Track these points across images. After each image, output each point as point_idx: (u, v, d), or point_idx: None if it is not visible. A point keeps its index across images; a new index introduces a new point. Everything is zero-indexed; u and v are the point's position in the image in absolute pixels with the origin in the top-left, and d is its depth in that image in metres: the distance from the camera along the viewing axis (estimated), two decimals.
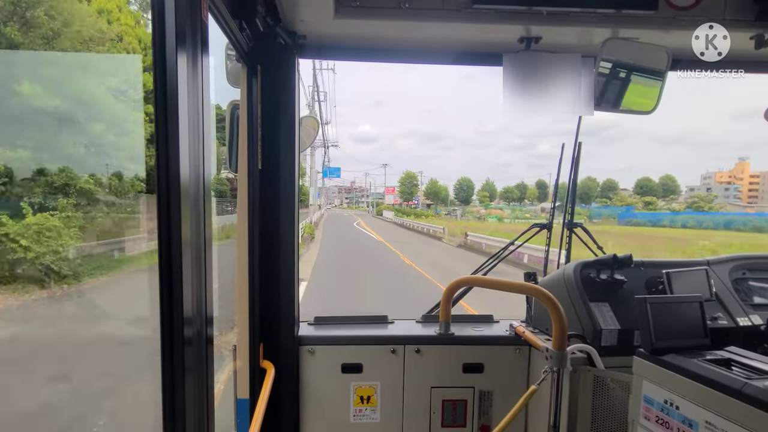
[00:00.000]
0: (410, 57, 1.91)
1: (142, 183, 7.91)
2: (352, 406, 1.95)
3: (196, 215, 0.89)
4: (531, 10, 1.53)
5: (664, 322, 1.29)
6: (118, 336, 5.20)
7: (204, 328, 0.94)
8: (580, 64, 1.77)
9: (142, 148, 9.10)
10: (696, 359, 1.21)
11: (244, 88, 1.58)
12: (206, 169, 0.92)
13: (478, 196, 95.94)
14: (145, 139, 13.28)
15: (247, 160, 1.61)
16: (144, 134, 14.37)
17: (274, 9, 1.52)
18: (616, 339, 1.67)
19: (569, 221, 2.36)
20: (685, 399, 1.18)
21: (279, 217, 1.80)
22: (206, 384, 0.96)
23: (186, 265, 0.83)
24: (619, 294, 1.80)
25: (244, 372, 1.68)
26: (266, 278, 1.79)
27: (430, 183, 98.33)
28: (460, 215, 69.36)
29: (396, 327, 2.08)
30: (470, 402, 1.97)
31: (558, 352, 1.53)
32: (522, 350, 1.96)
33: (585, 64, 1.81)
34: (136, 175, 8.27)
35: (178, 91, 0.79)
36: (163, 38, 0.77)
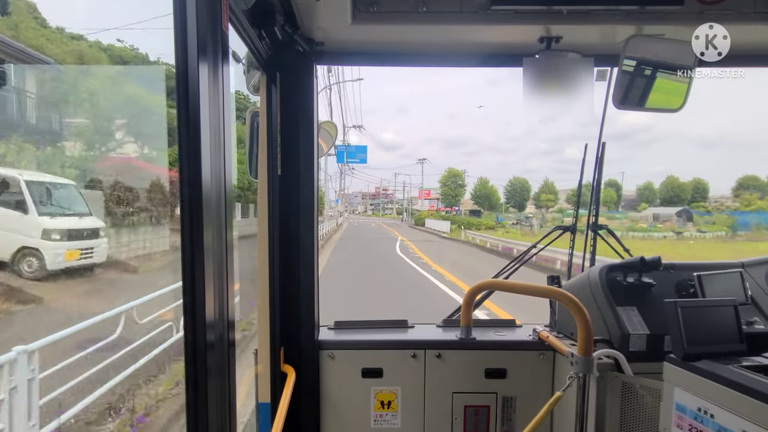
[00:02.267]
0: (429, 60, 1.90)
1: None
2: (372, 411, 1.94)
3: (218, 221, 0.90)
4: (551, 9, 1.50)
5: (696, 327, 1.24)
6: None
7: (226, 332, 0.95)
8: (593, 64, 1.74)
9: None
10: (732, 366, 1.16)
11: (264, 95, 1.61)
12: (227, 176, 0.94)
13: (539, 200, 72.61)
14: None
15: (267, 165, 1.63)
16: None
17: (292, 17, 1.54)
18: (645, 344, 1.61)
19: (594, 223, 2.30)
20: (721, 407, 1.12)
21: (298, 221, 1.81)
22: (228, 387, 0.98)
23: (208, 271, 0.85)
24: (647, 298, 1.74)
25: (265, 376, 1.69)
26: (286, 283, 1.81)
27: (480, 184, 75.17)
28: (538, 225, 43.94)
29: (416, 332, 2.06)
30: (493, 408, 1.94)
31: (584, 358, 1.49)
32: (546, 355, 1.92)
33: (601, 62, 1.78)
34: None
35: (199, 100, 0.81)
36: (185, 48, 0.79)
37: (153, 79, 14.76)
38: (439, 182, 77.84)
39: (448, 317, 2.18)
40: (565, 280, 2.08)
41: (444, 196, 76.09)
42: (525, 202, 74.34)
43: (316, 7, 1.48)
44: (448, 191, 75.63)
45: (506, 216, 64.17)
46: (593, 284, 1.77)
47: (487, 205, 73.04)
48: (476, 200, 74.15)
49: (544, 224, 45.58)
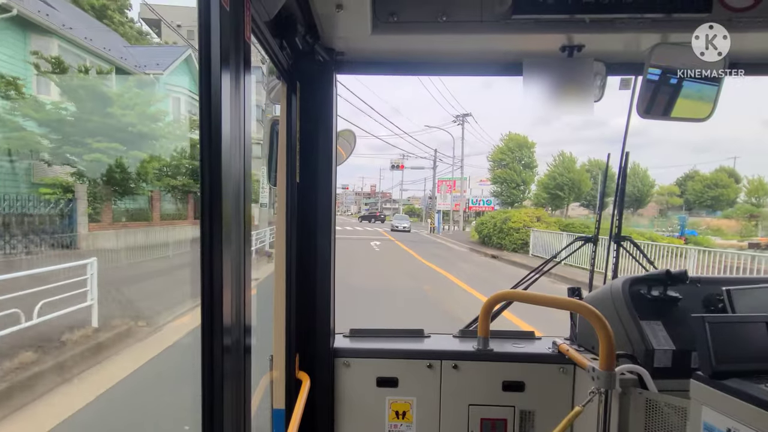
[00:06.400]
0: (449, 70, 1.91)
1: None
2: (387, 421, 1.92)
3: (237, 228, 0.92)
4: (573, 18, 1.49)
5: (725, 344, 1.19)
6: None
7: (242, 337, 0.96)
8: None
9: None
10: (763, 385, 1.10)
11: (284, 104, 1.64)
12: (246, 185, 0.96)
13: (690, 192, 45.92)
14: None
15: (285, 173, 1.66)
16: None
17: (313, 28, 1.57)
18: (671, 360, 1.55)
19: (617, 234, 2.24)
20: (750, 428, 1.07)
21: (316, 229, 1.83)
22: (243, 392, 0.98)
23: (226, 276, 0.86)
24: (673, 312, 1.68)
25: (280, 382, 1.70)
26: (303, 289, 1.82)
27: (562, 162, 39.76)
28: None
29: (433, 341, 2.04)
30: (510, 421, 1.89)
31: (606, 373, 1.44)
32: (566, 369, 1.87)
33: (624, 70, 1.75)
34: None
35: (221, 109, 0.83)
36: (208, 58, 0.81)
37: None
38: (490, 160, 41.73)
39: (465, 327, 2.15)
40: (586, 292, 2.04)
41: (505, 183, 39.06)
42: (645, 196, 46.39)
43: (337, 17, 1.50)
44: (511, 175, 38.54)
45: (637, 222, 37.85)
46: (616, 297, 1.72)
47: (566, 196, 39.31)
48: (549, 191, 39.41)
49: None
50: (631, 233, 13.90)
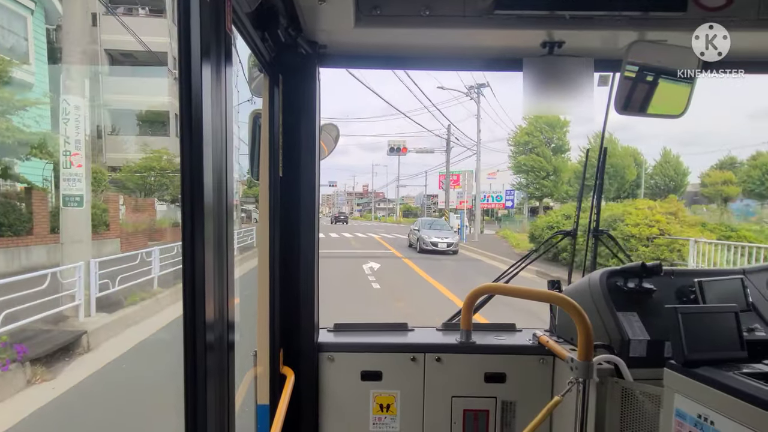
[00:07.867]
0: (431, 64, 1.91)
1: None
2: (371, 414, 1.93)
3: (219, 223, 0.90)
4: (554, 14, 1.51)
5: (697, 333, 1.24)
6: None
7: (226, 333, 0.95)
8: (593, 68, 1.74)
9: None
10: (732, 372, 1.15)
11: (266, 97, 1.61)
12: (228, 178, 0.94)
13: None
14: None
15: (268, 167, 1.64)
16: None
17: (296, 20, 1.55)
18: (645, 350, 1.61)
19: (594, 228, 2.30)
20: (720, 414, 1.12)
21: (299, 223, 1.82)
22: (227, 388, 0.97)
23: (208, 272, 0.85)
24: (648, 303, 1.73)
25: (264, 378, 1.69)
26: (287, 284, 1.81)
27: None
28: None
29: (416, 335, 2.06)
30: (492, 412, 1.93)
31: (583, 363, 1.48)
32: (546, 360, 1.92)
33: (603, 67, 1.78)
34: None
35: (202, 102, 0.81)
36: (188, 50, 0.80)
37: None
38: (511, 144, 32.65)
39: (448, 321, 2.17)
40: (565, 285, 2.08)
41: (530, 173, 30.82)
42: (682, 184, 35.40)
43: (320, 10, 1.49)
44: (539, 162, 30.04)
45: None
46: (593, 289, 1.77)
47: (613, 189, 30.35)
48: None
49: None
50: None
